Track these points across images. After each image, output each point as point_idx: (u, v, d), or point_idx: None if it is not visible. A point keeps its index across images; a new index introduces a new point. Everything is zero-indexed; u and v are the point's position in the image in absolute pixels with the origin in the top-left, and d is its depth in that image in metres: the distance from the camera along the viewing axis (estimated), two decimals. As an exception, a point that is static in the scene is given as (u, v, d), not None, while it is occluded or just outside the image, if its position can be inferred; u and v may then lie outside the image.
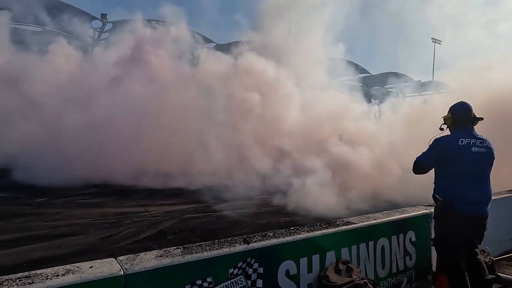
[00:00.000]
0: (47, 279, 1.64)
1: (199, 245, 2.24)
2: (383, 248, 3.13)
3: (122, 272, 1.81)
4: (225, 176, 9.50)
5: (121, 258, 1.96)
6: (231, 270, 2.21)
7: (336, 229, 2.82)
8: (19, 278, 1.63)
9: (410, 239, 3.36)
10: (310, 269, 2.59)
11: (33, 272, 1.70)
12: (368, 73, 37.81)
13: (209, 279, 2.09)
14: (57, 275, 1.68)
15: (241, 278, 2.25)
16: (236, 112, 11.26)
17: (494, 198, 2.97)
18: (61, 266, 1.77)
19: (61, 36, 17.06)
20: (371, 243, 3.04)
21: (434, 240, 3.02)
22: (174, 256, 2.04)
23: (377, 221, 3.13)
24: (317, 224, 2.89)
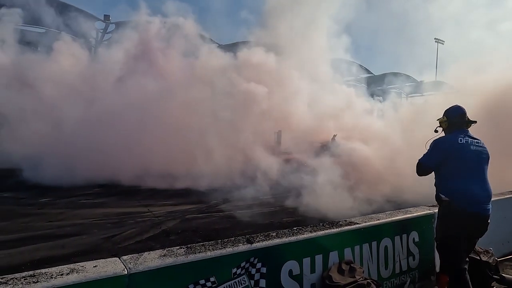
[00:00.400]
0: (52, 278, 1.65)
1: (202, 245, 2.24)
2: (386, 248, 3.12)
3: (126, 272, 1.82)
4: (228, 176, 9.50)
5: (125, 257, 1.97)
6: (234, 270, 2.21)
7: (339, 229, 2.82)
8: (24, 277, 1.64)
9: (413, 239, 3.35)
10: (313, 269, 2.58)
11: (38, 271, 1.71)
12: (371, 73, 37.82)
13: (212, 279, 2.10)
14: (61, 274, 1.69)
15: (244, 278, 2.26)
16: (239, 110, 11.26)
17: (497, 198, 2.97)
18: (65, 266, 1.78)
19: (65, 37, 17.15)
20: (374, 244, 3.03)
21: (436, 240, 3.02)
22: (178, 256, 2.04)
23: (380, 221, 3.12)
24: (320, 224, 2.89)
